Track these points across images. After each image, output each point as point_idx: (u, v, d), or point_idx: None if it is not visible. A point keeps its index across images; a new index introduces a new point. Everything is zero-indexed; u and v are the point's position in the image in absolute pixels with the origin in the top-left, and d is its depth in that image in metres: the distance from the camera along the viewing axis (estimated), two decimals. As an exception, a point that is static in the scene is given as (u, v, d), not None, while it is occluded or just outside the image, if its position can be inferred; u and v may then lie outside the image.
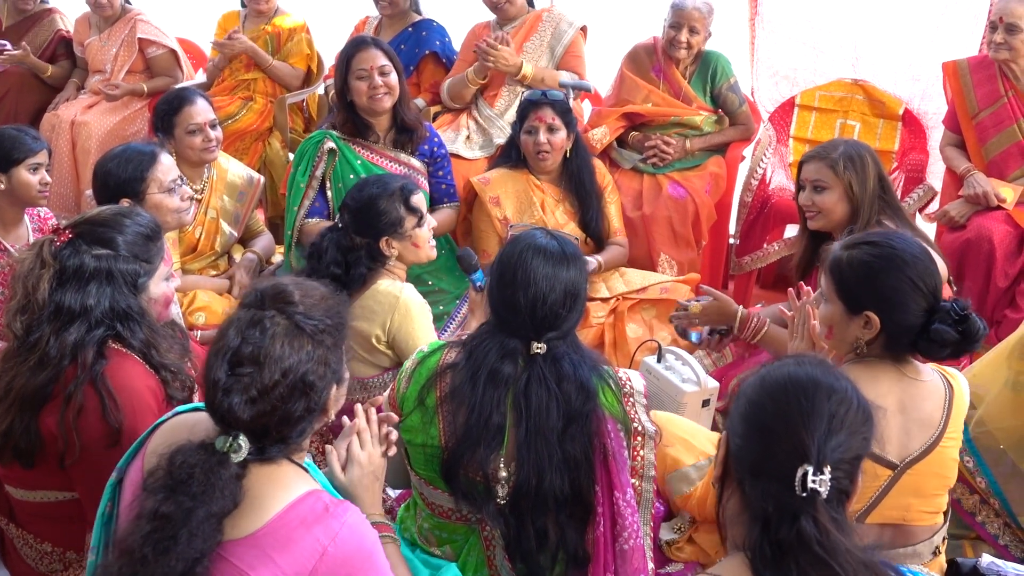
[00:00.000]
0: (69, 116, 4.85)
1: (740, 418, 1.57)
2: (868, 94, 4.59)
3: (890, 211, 3.04)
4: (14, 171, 3.14)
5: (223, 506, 1.54)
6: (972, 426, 2.66)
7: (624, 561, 1.98)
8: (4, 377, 2.11)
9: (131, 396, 2.07)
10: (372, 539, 1.66)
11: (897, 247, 2.14)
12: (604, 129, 4.29)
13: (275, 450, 1.63)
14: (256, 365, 1.59)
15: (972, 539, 2.72)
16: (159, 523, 1.51)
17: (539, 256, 2.02)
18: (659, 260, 4.06)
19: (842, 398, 1.52)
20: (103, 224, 2.17)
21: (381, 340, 2.80)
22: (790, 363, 1.60)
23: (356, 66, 3.56)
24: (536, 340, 2.01)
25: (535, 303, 1.99)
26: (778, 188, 4.47)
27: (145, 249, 2.19)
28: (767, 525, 1.47)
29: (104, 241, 2.14)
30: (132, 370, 2.12)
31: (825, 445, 1.46)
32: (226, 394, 1.58)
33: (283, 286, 1.69)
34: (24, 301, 2.10)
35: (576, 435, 1.98)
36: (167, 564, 1.49)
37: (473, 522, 2.12)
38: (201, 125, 3.51)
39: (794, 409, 1.49)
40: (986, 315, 3.75)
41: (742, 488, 1.54)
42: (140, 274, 2.16)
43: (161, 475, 1.57)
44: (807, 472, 1.44)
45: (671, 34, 4.27)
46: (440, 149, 3.80)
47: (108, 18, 4.97)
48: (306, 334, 1.64)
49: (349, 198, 2.91)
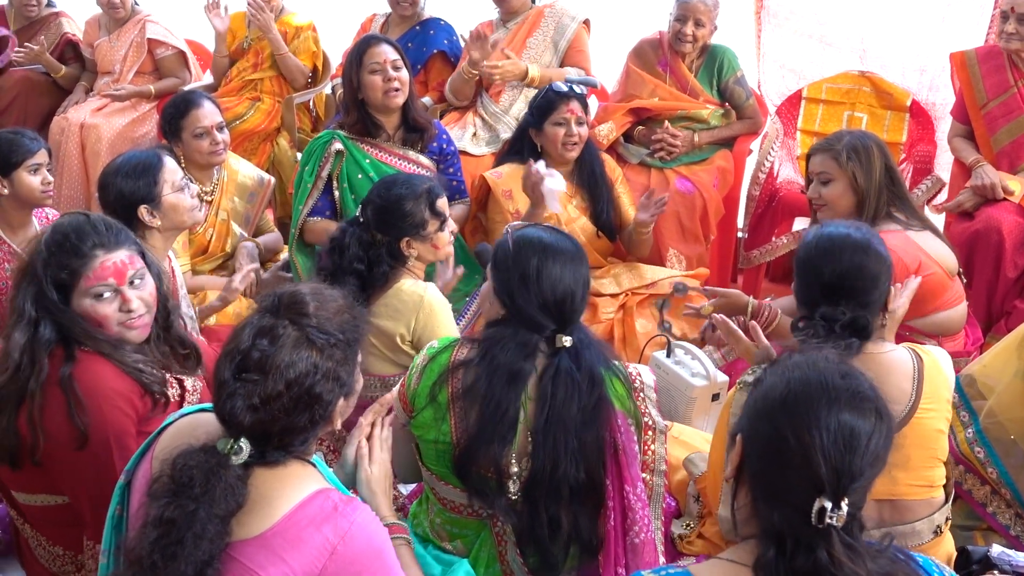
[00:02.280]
0: (78, 119, 4.87)
1: (757, 436, 1.51)
2: (875, 86, 4.58)
3: (899, 202, 3.05)
4: (15, 174, 3.14)
5: (226, 507, 1.54)
6: (983, 417, 2.66)
7: (635, 555, 2.00)
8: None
9: (98, 398, 2.08)
10: (382, 537, 1.67)
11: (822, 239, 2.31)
12: (610, 125, 4.29)
13: (277, 455, 1.63)
14: (261, 373, 1.58)
15: (983, 530, 2.72)
16: (165, 528, 1.52)
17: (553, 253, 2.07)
18: (668, 255, 4.06)
19: (871, 429, 1.45)
20: (55, 229, 2.16)
21: (406, 339, 2.80)
22: (812, 375, 1.50)
23: (369, 60, 3.56)
24: (563, 333, 2.05)
25: (563, 300, 2.05)
26: (786, 181, 4.47)
27: (66, 258, 2.12)
28: (781, 547, 1.44)
29: (41, 242, 2.14)
30: (100, 372, 2.11)
31: (845, 477, 1.42)
32: (230, 397, 1.59)
33: (300, 295, 1.67)
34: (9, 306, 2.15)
35: (590, 424, 2.00)
36: (177, 569, 1.49)
37: (485, 517, 2.13)
38: (208, 128, 3.52)
39: (815, 440, 1.43)
40: (996, 305, 3.74)
41: (755, 503, 1.51)
42: (63, 282, 2.12)
43: (164, 480, 1.57)
44: (824, 507, 1.40)
45: (677, 28, 4.27)
46: (449, 146, 3.81)
47: (119, 19, 4.99)
48: (316, 347, 1.62)
49: (375, 195, 2.90)
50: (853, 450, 1.43)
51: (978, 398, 2.69)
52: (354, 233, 2.85)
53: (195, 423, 1.74)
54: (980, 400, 2.68)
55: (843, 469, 1.42)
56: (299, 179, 3.65)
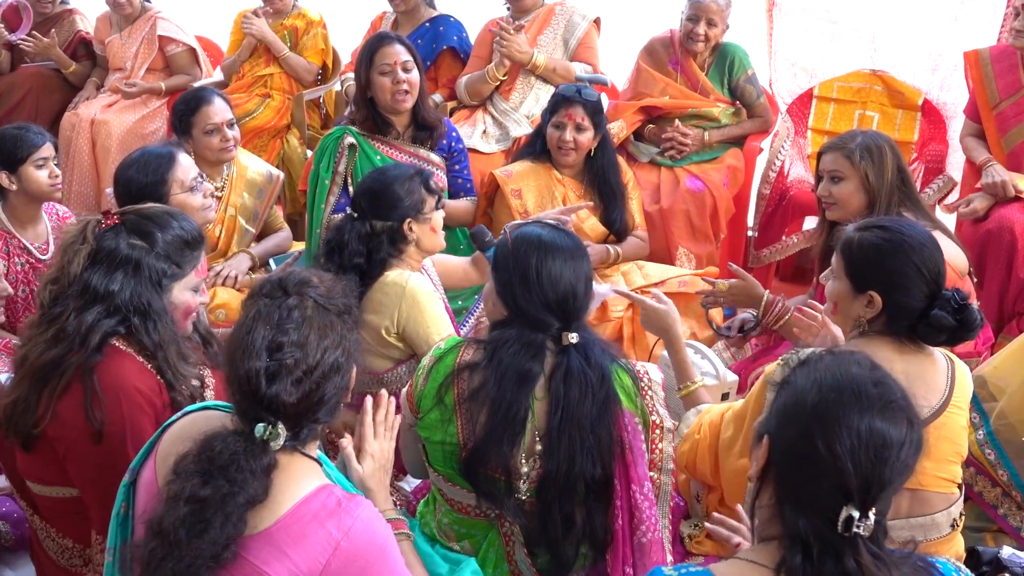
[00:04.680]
0: (89, 115, 4.89)
1: (785, 440, 1.49)
2: (887, 85, 4.56)
3: (909, 202, 3.03)
4: (22, 169, 3.15)
5: (256, 494, 1.56)
6: (993, 419, 2.65)
7: (643, 554, 1.99)
8: (25, 345, 2.14)
9: (118, 395, 2.06)
10: (385, 533, 1.67)
11: (906, 233, 2.21)
12: (621, 123, 4.28)
13: (306, 433, 1.66)
14: (299, 348, 1.62)
15: (994, 531, 2.70)
16: (197, 506, 1.53)
17: (554, 250, 2.06)
18: (677, 254, 4.05)
19: (903, 438, 1.43)
20: (148, 218, 2.20)
21: (391, 332, 2.78)
22: (844, 382, 1.47)
23: (379, 61, 3.55)
24: (567, 331, 2.04)
25: (565, 298, 2.04)
26: (796, 180, 4.45)
27: (180, 253, 2.19)
28: (807, 553, 1.42)
29: (143, 233, 2.15)
30: (126, 369, 2.10)
31: (875, 487, 1.40)
32: (271, 381, 1.59)
33: (301, 273, 1.73)
34: (57, 272, 2.13)
35: (604, 420, 2.00)
36: (199, 547, 1.51)
37: (492, 518, 2.13)
38: (219, 125, 3.52)
39: (845, 449, 1.40)
40: (1008, 306, 3.72)
41: (780, 506, 1.49)
42: (166, 275, 2.16)
43: (194, 459, 1.58)
44: (852, 516, 1.39)
45: (689, 27, 4.26)
46: (458, 144, 3.81)
47: (128, 16, 5.01)
48: (333, 314, 1.69)
49: (368, 184, 2.88)
50: (884, 460, 1.41)
51: (989, 400, 2.68)
52: (352, 228, 2.82)
53: (198, 421, 1.75)
54: (991, 402, 2.67)
55: (873, 479, 1.40)
56: (314, 176, 3.63)
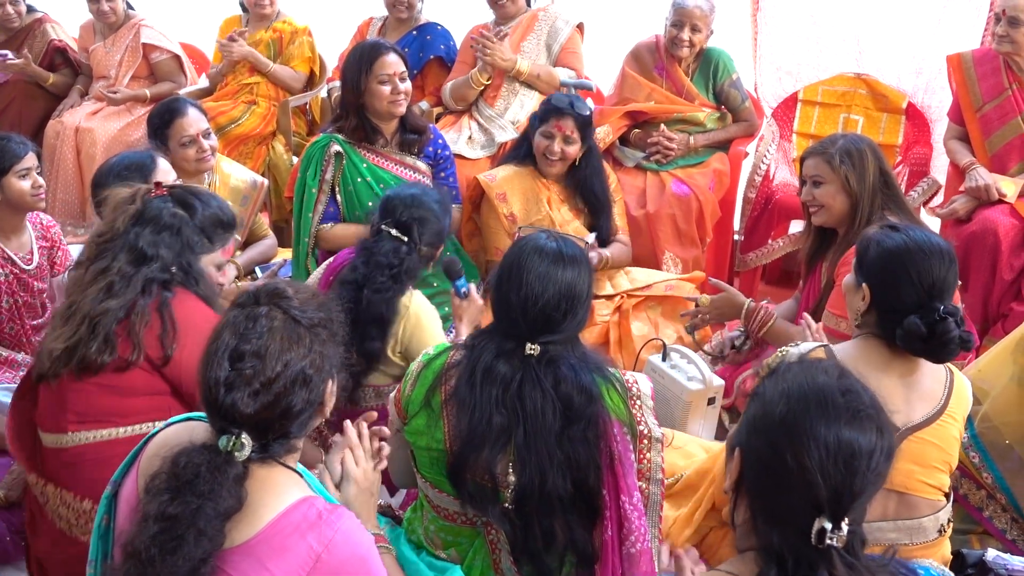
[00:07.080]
0: (73, 123, 4.87)
1: (755, 453, 1.48)
2: (871, 88, 4.58)
3: (893, 205, 3.04)
4: (4, 180, 3.12)
5: (229, 506, 1.55)
6: (978, 422, 2.65)
7: (631, 564, 1.98)
8: (72, 296, 2.30)
9: (190, 328, 2.27)
10: (367, 545, 1.66)
11: (914, 237, 2.18)
12: (607, 128, 4.29)
13: (277, 446, 1.64)
14: (258, 358, 1.60)
15: (979, 533, 2.71)
16: (166, 524, 1.52)
17: (535, 256, 2.01)
18: (663, 258, 4.06)
19: (872, 446, 1.41)
20: (194, 193, 2.46)
21: (396, 350, 2.79)
22: (810, 391, 1.46)
23: (379, 70, 3.53)
24: (530, 341, 1.98)
25: (526, 303, 1.97)
26: (782, 184, 4.47)
27: (213, 229, 2.44)
28: (782, 566, 1.42)
29: (186, 205, 2.40)
30: (196, 306, 2.34)
31: (845, 498, 1.39)
32: (229, 390, 1.59)
33: (276, 284, 1.72)
34: (106, 227, 2.33)
35: (578, 437, 1.96)
36: (174, 564, 1.49)
37: (479, 525, 2.12)
38: (194, 136, 3.49)
39: (813, 461, 1.39)
40: (992, 309, 3.74)
41: (754, 520, 1.49)
42: (197, 246, 2.38)
43: (164, 477, 1.57)
44: (824, 528, 1.38)
45: (673, 33, 4.27)
46: (444, 150, 3.81)
47: (112, 25, 4.99)
48: (303, 326, 1.66)
49: (421, 213, 2.84)
50: (854, 470, 1.40)
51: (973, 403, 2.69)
52: (407, 252, 2.78)
53: (180, 433, 1.73)
54: (975, 405, 2.67)
55: (843, 490, 1.39)
56: (300, 185, 3.62)
